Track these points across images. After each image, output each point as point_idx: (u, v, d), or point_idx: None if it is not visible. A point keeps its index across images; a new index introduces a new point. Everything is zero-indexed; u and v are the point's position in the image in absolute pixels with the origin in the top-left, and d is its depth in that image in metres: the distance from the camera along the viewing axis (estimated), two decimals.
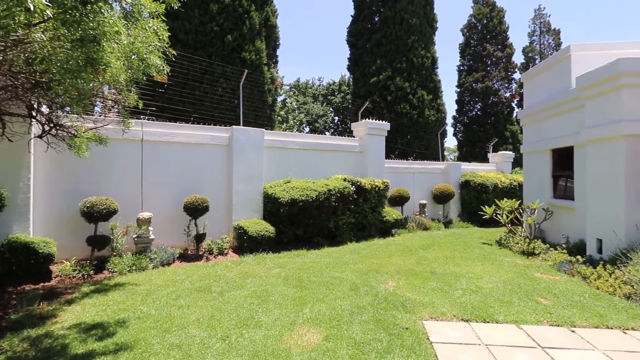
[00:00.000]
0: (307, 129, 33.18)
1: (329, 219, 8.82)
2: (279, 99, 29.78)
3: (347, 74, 30.65)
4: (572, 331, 3.87)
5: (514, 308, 4.48)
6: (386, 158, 12.25)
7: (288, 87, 34.36)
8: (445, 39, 58.27)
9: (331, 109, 34.26)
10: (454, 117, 27.08)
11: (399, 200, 11.57)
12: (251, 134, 8.53)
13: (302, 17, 62.02)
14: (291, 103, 31.60)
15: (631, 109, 6.08)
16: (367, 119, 11.57)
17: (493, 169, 15.66)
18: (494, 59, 26.18)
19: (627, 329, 3.92)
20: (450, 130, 27.58)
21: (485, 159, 19.61)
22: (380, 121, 11.53)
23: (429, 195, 13.14)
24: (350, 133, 11.97)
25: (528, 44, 30.10)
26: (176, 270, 6.19)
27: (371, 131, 11.11)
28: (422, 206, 12.34)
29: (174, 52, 4.75)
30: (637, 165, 6.01)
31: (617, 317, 4.19)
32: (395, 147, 17.56)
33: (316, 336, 3.71)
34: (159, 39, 4.38)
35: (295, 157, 9.74)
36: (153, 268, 6.27)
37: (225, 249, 7.53)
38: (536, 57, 29.18)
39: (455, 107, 26.94)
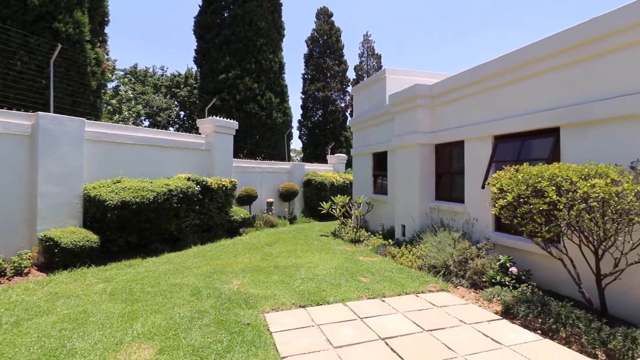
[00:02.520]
0: (146, 123, 29.55)
1: (170, 222, 8.10)
2: (110, 85, 25.45)
3: (194, 67, 28.83)
4: (383, 301, 4.76)
5: (341, 289, 5.17)
6: (235, 157, 12.15)
7: (122, 73, 29.77)
8: (292, 48, 62.05)
9: (176, 103, 31.55)
10: (299, 121, 29.17)
11: (247, 199, 11.67)
12: (66, 123, 6.99)
13: None
14: (126, 91, 27.46)
15: (423, 123, 7.92)
16: (214, 117, 11.19)
17: (331, 169, 17.64)
18: (332, 72, 29.49)
19: (419, 293, 5.09)
20: (296, 133, 29.61)
21: (325, 160, 21.88)
22: (229, 119, 11.35)
23: (275, 193, 13.73)
24: (197, 130, 11.31)
25: (358, 63, 35.13)
26: None
27: (219, 129, 10.81)
28: (270, 204, 12.80)
29: None
30: (426, 167, 7.86)
31: (412, 284, 5.40)
32: (245, 147, 17.62)
33: (148, 351, 3.36)
34: None
35: (129, 154, 8.53)
36: None
37: (26, 267, 5.94)
38: (364, 75, 34.37)
39: (301, 112, 29.09)
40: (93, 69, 12.46)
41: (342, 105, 29.17)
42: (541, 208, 3.87)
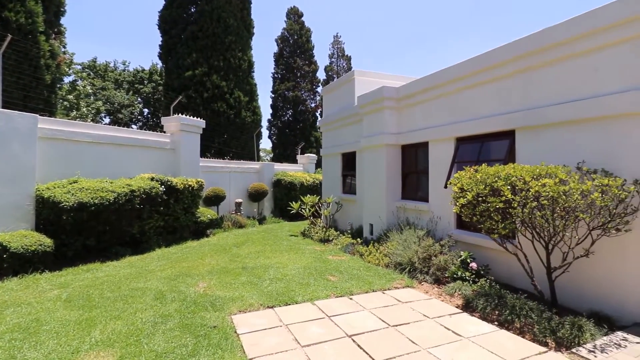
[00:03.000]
0: (107, 120, 28.14)
1: (132, 224, 7.77)
2: (67, 79, 23.98)
3: (159, 63, 27.78)
4: (351, 299, 4.84)
5: (310, 288, 5.20)
6: (202, 157, 11.86)
7: (80, 67, 28.15)
8: (262, 46, 61.43)
9: (139, 100, 30.27)
10: (269, 121, 28.94)
11: (215, 199, 11.43)
12: (16, 119, 6.52)
13: None
14: (84, 87, 25.98)
15: (389, 125, 8.12)
16: (181, 114, 10.85)
17: (300, 169, 17.65)
18: (303, 72, 29.51)
19: (385, 290, 5.22)
20: (265, 132, 29.37)
21: (294, 160, 21.86)
22: (196, 118, 11.06)
23: (244, 193, 13.55)
24: (162, 128, 10.92)
25: (329, 64, 35.37)
26: None
27: (185, 127, 10.50)
28: (238, 205, 12.61)
29: None
30: (393, 167, 8.07)
31: (379, 282, 5.53)
32: (212, 146, 17.24)
33: (108, 359, 3.21)
34: None
35: (87, 153, 8.10)
36: None
37: None
38: (334, 76, 34.64)
39: (271, 111, 28.85)
40: (47, 62, 11.72)
41: (312, 105, 29.27)
42: (497, 206, 4.11)
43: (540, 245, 4.29)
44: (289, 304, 4.61)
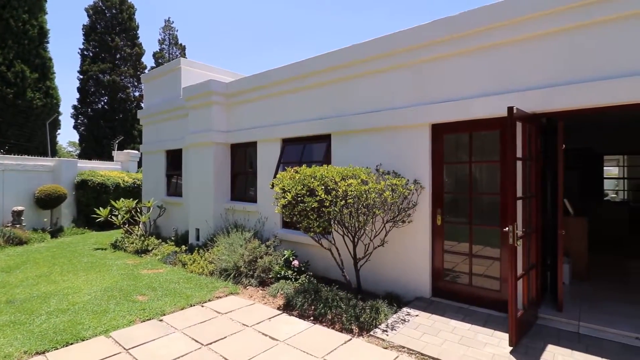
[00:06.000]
0: None
1: None
2: None
3: None
4: (161, 320, 4.14)
5: (108, 316, 4.20)
6: None
7: None
8: (64, 13, 49.87)
9: None
10: (75, 107, 23.51)
11: None
12: None
13: None
14: None
15: (218, 122, 7.62)
16: None
17: (118, 167, 14.91)
18: (123, 54, 25.29)
19: (205, 302, 4.73)
20: (70, 122, 23.70)
21: (110, 157, 18.40)
22: None
23: (29, 199, 10.35)
24: None
25: (159, 50, 31.62)
26: None
27: None
28: (18, 214, 9.50)
29: None
30: (221, 167, 7.61)
31: (200, 294, 4.99)
32: None
33: None
34: None
35: None
36: None
37: None
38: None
39: (78, 96, 23.49)
40: None
41: (137, 94, 25.45)
42: (313, 206, 4.26)
43: (349, 239, 4.72)
44: (71, 344, 3.55)
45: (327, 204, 4.22)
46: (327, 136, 5.94)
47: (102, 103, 23.88)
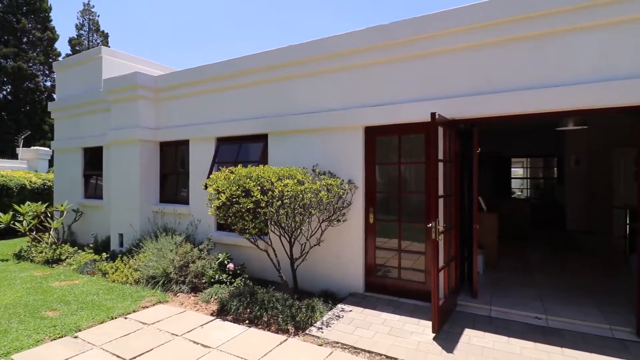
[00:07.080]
0: None
1: None
2: None
3: None
4: (76, 337, 3.72)
5: (9, 337, 3.65)
6: None
7: None
8: None
9: None
10: None
11: None
12: None
13: None
14: None
15: (145, 118, 7.08)
16: None
17: (24, 166, 13.09)
18: (32, 38, 22.28)
19: (129, 314, 4.36)
20: None
21: (14, 155, 16.05)
22: None
23: None
24: None
25: (76, 36, 28.45)
26: None
27: None
28: None
29: None
30: (149, 166, 7.09)
31: (123, 305, 4.58)
32: None
33: None
34: None
35: None
36: None
37: None
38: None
39: None
40: None
41: (48, 83, 22.56)
42: (249, 207, 4.17)
43: (285, 239, 4.71)
44: None
45: (263, 205, 4.16)
46: (264, 136, 5.86)
47: (4, 92, 20.72)
